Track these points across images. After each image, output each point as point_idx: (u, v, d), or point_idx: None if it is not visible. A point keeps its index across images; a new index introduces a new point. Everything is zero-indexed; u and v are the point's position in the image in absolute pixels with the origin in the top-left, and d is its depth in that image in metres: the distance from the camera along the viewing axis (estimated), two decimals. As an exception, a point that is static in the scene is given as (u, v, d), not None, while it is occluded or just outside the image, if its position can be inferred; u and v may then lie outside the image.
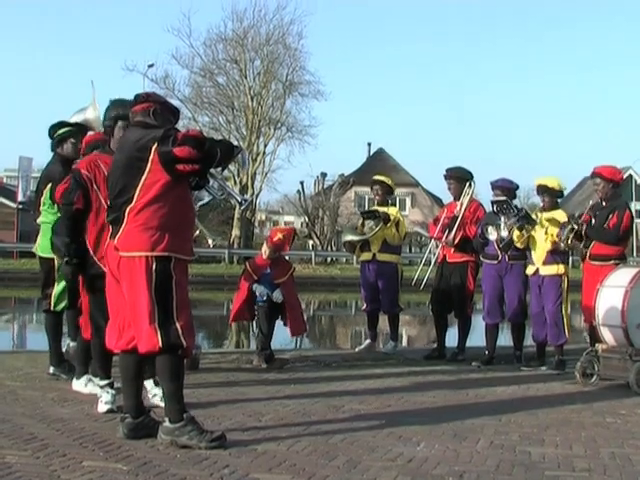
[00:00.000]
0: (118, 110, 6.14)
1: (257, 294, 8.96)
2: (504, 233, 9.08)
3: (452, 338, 10.41)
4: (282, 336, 10.15)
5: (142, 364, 5.47)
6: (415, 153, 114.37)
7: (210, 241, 7.84)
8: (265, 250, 9.06)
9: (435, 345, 10.50)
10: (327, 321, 25.25)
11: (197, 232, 7.92)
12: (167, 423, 5.21)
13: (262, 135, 53.94)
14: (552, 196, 9.34)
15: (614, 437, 5.77)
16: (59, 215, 6.90)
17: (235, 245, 50.47)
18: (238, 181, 50.27)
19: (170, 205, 5.25)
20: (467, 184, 10.05)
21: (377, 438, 5.55)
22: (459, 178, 10.14)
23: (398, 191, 55.43)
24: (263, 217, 75.20)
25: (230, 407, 6.54)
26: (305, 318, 9.45)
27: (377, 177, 11.07)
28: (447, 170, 10.29)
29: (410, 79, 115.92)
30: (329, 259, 51.61)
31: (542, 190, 9.34)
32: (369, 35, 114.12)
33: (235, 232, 51.50)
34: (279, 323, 9.16)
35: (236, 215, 50.73)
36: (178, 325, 5.17)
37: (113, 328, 5.44)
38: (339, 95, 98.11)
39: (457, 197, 10.15)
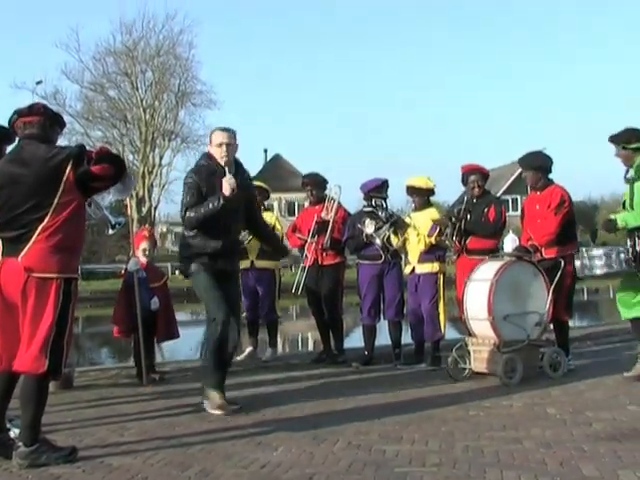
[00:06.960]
0: None
1: (129, 269, 8.65)
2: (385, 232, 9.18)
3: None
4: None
5: (13, 384, 5.34)
6: (312, 159, 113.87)
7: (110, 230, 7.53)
8: (144, 248, 8.93)
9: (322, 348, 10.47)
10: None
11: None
12: (22, 447, 5.12)
13: (157, 147, 53.64)
14: (421, 195, 9.50)
15: (472, 430, 5.85)
16: None
17: (136, 259, 49.81)
18: (134, 194, 49.76)
19: (77, 225, 5.27)
20: (333, 188, 10.14)
21: (237, 446, 5.56)
22: (319, 183, 10.21)
23: (297, 196, 55.35)
24: (164, 229, 74.32)
25: (96, 424, 6.44)
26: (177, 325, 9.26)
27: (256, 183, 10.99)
28: (305, 177, 10.43)
29: (306, 85, 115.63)
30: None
31: (411, 191, 9.50)
32: (260, 42, 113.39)
33: (135, 246, 50.78)
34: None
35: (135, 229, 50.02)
36: (65, 351, 5.12)
37: None
38: (232, 103, 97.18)
39: (317, 202, 10.19)
